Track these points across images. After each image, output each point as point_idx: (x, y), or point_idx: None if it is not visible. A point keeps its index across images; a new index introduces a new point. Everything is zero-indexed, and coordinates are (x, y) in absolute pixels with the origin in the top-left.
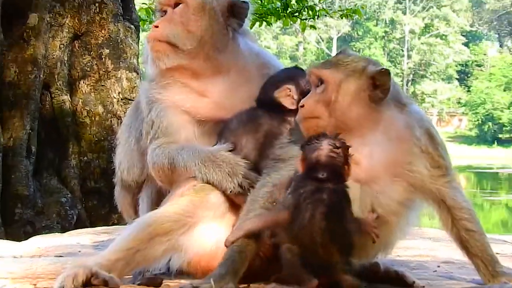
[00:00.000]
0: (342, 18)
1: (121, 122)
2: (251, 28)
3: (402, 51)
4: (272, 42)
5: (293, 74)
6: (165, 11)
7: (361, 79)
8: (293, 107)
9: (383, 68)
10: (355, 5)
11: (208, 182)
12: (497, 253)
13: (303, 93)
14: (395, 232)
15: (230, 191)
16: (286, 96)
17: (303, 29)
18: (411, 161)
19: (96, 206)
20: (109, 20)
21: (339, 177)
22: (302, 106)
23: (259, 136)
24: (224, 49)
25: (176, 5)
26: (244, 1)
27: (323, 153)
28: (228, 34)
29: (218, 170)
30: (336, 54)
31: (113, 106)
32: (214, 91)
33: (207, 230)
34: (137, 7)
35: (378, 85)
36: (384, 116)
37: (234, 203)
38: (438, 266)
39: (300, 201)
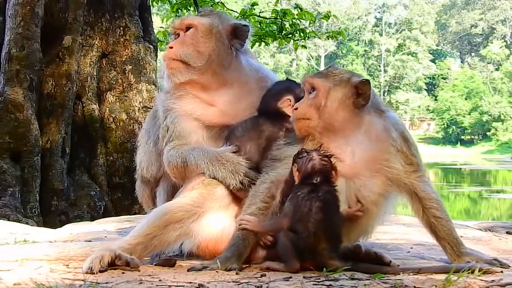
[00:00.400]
0: (328, 39)
1: (141, 127)
2: (251, 47)
3: (379, 66)
4: (270, 60)
5: (289, 86)
6: (178, 34)
7: (347, 87)
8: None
9: (364, 79)
10: (340, 28)
11: (214, 178)
12: (461, 236)
13: (298, 101)
14: (375, 220)
15: (233, 187)
16: (287, 106)
17: (296, 49)
18: (388, 158)
19: (121, 198)
20: (132, 41)
21: (329, 181)
22: (296, 109)
23: (261, 142)
24: (229, 65)
25: (187, 29)
26: (245, 25)
27: (316, 162)
28: (232, 53)
29: (223, 168)
30: (326, 67)
31: (135, 113)
32: (220, 101)
33: (213, 218)
34: (155, 30)
35: (361, 93)
36: (365, 120)
37: (237, 196)
38: (411, 248)
39: (299, 200)
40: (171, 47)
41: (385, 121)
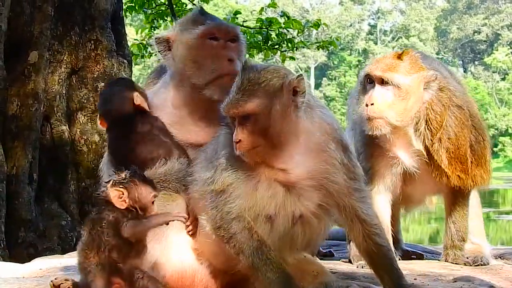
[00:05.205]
0: (318, 49)
1: None
2: None
3: None
4: None
5: (130, 84)
6: None
7: (284, 93)
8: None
9: (299, 75)
10: (330, 37)
11: None
12: None
13: (144, 95)
14: (317, 231)
15: None
16: (142, 102)
17: (283, 60)
18: (330, 170)
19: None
20: (104, 55)
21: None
22: (238, 142)
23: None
24: None
25: None
26: None
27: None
28: None
29: (165, 184)
30: (241, 79)
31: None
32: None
33: (174, 246)
34: (129, 43)
35: (297, 91)
36: (302, 128)
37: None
38: (415, 279)
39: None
40: None
41: (321, 128)
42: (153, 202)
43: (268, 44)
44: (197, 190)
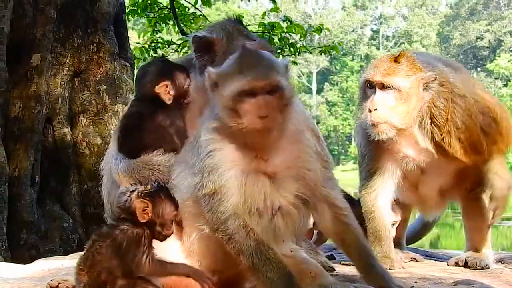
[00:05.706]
0: (321, 54)
1: None
2: None
3: None
4: None
5: (167, 69)
6: None
7: (287, 74)
8: (170, 102)
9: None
10: (333, 42)
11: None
12: None
13: (178, 89)
14: (298, 221)
15: None
16: (165, 93)
17: None
18: (307, 160)
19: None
20: (106, 58)
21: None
22: (265, 117)
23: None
24: None
25: None
26: None
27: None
28: None
29: (157, 173)
30: (249, 55)
31: (110, 137)
32: None
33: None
34: (131, 47)
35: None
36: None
37: None
38: (415, 282)
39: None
40: None
41: (295, 118)
42: (172, 222)
43: None
44: (188, 198)
